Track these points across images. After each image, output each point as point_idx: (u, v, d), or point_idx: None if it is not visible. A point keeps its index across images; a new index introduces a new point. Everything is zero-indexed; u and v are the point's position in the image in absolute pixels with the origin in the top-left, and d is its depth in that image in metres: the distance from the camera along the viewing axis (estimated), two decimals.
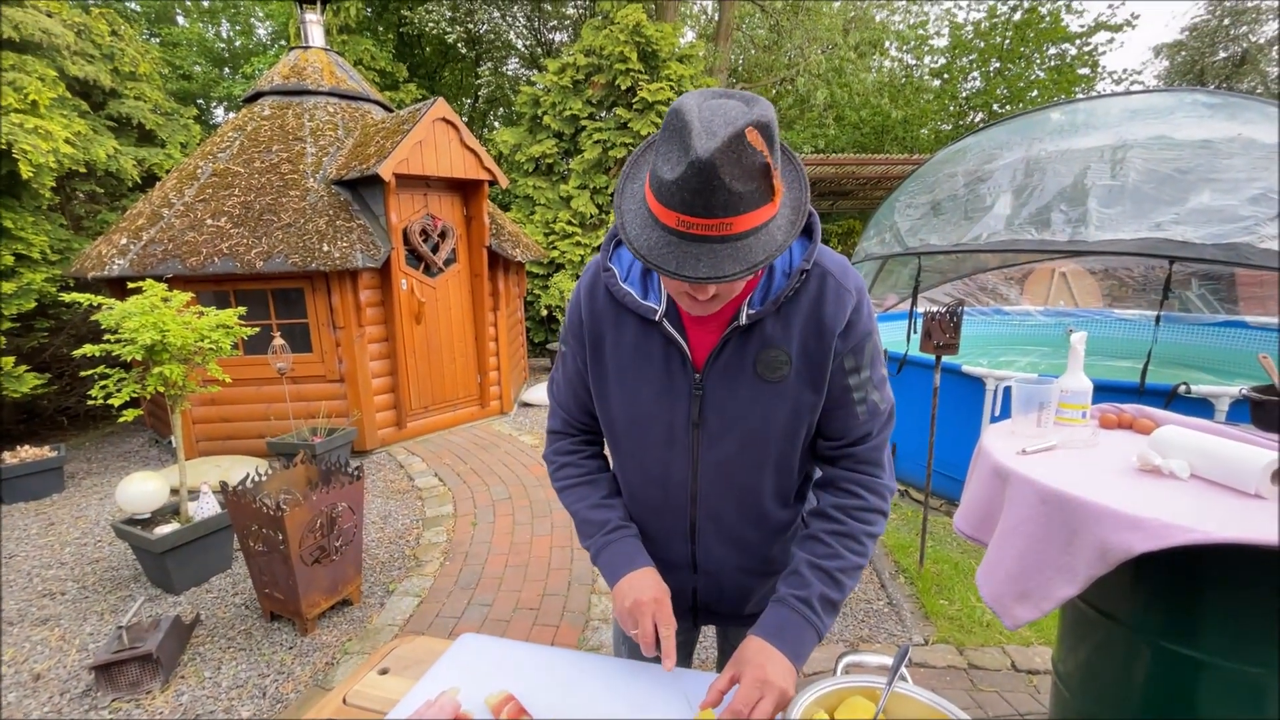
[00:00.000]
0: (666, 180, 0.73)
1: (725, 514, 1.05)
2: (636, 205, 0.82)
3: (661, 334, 0.96)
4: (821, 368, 0.93)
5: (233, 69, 12.81)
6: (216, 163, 5.06)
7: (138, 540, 2.90)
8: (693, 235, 0.74)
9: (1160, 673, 1.28)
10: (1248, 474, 1.15)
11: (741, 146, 0.70)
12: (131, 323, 2.76)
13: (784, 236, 0.77)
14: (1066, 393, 1.56)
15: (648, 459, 1.04)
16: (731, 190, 0.71)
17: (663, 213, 0.76)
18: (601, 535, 1.05)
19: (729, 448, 0.98)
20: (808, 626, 0.92)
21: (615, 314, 0.99)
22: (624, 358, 0.99)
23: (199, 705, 2.26)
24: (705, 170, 0.69)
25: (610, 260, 1.00)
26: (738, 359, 0.93)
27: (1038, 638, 2.53)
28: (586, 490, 1.11)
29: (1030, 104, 12.99)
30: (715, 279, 0.74)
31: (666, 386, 0.97)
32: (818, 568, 0.94)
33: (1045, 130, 4.12)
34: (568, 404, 1.13)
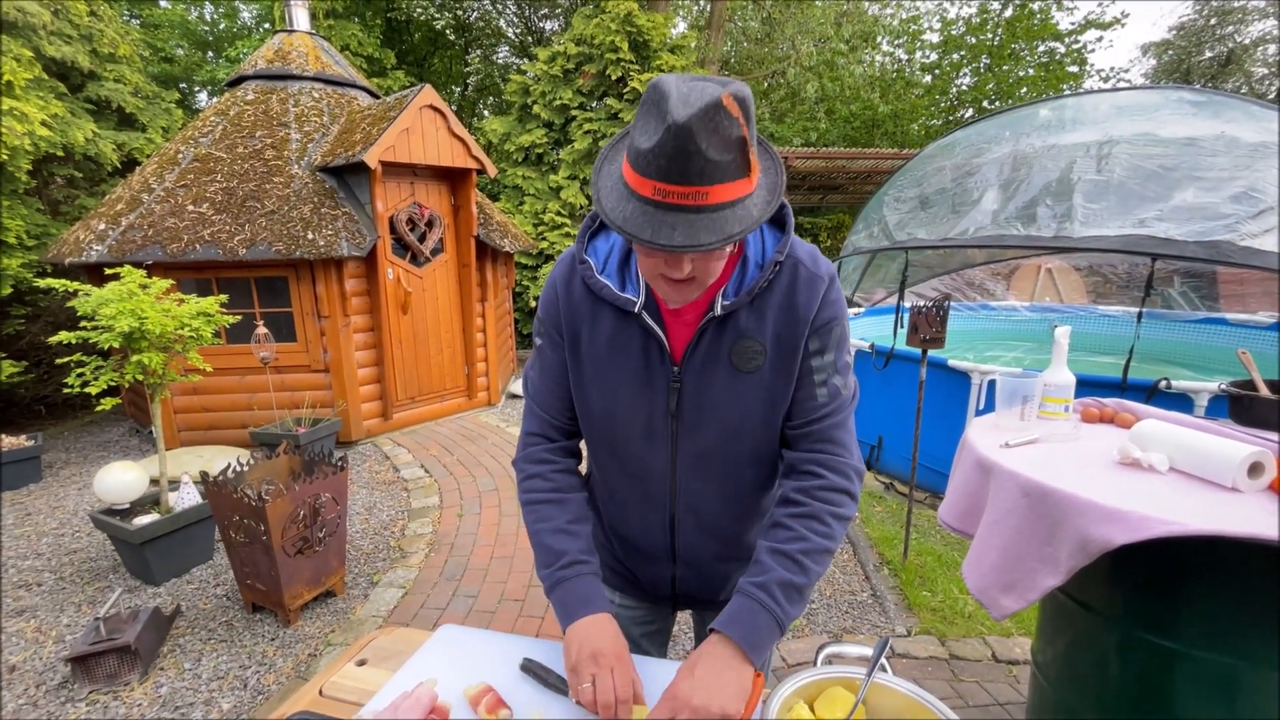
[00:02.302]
0: (643, 149, 0.72)
1: (705, 505, 1.05)
2: (613, 182, 0.81)
3: (640, 326, 0.95)
4: (795, 356, 0.93)
5: (216, 52, 12.57)
6: (198, 148, 4.96)
7: (116, 531, 2.85)
8: (669, 204, 0.73)
9: (1137, 663, 1.30)
10: (1225, 467, 1.17)
11: (718, 115, 0.69)
12: (108, 309, 2.70)
13: (759, 213, 0.77)
14: (1050, 386, 1.57)
15: (626, 452, 1.03)
16: (708, 158, 0.70)
17: (639, 182, 0.75)
18: (558, 568, 0.97)
19: (708, 439, 0.98)
20: (763, 613, 0.87)
21: (592, 306, 0.97)
22: (600, 351, 0.98)
23: (179, 697, 2.24)
24: (682, 135, 0.69)
25: (586, 252, 0.98)
26: (714, 351, 0.93)
27: (1018, 629, 2.56)
28: (552, 510, 1.03)
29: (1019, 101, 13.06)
30: (691, 248, 0.73)
31: (645, 379, 0.96)
32: (777, 552, 0.91)
33: (1033, 125, 4.14)
34: (547, 402, 1.07)
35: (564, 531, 1.00)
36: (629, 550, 1.16)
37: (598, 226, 1.01)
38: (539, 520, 1.02)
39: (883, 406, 4.12)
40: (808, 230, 13.41)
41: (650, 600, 1.21)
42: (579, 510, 1.05)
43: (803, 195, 11.82)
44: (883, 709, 0.82)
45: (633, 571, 1.18)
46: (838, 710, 0.80)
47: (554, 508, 1.03)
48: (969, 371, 3.50)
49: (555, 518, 1.01)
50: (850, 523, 0.98)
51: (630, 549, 1.15)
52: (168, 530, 2.90)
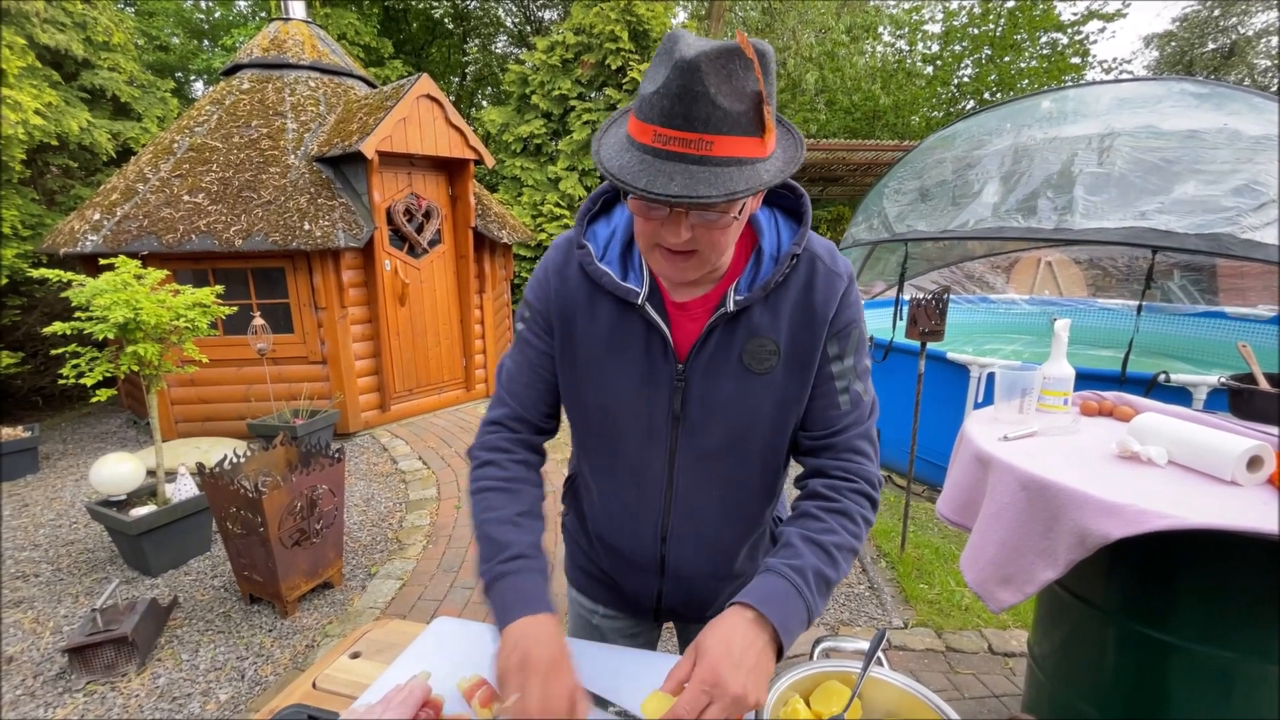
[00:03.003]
0: (648, 94, 0.67)
1: (702, 513, 0.98)
2: (616, 139, 0.75)
3: (642, 319, 0.88)
4: (811, 357, 0.88)
5: (212, 41, 12.46)
6: (194, 137, 4.92)
7: (113, 522, 2.85)
8: (669, 152, 0.67)
9: (1134, 656, 1.30)
10: (1224, 461, 1.16)
11: (733, 60, 0.64)
12: (103, 300, 2.68)
13: (770, 177, 0.70)
14: (1049, 379, 1.57)
15: (622, 454, 0.96)
16: (716, 103, 0.64)
17: (640, 130, 0.69)
18: (499, 561, 0.85)
19: (712, 442, 0.92)
20: (799, 600, 0.78)
21: (589, 295, 0.90)
22: (598, 343, 0.90)
23: (176, 688, 2.24)
24: (688, 72, 0.63)
25: (585, 236, 0.90)
26: (723, 349, 0.87)
27: (1014, 621, 2.57)
28: (501, 500, 0.92)
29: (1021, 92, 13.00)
30: (686, 199, 0.65)
31: (646, 376, 0.89)
32: (811, 541, 0.84)
33: (1034, 117, 4.11)
34: (521, 394, 0.98)
35: (511, 524, 0.89)
36: (616, 560, 1.08)
37: (598, 209, 0.94)
38: (485, 509, 0.91)
39: (881, 399, 4.07)
40: None
41: (633, 614, 1.14)
42: (532, 504, 0.94)
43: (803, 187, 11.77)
44: (879, 703, 0.82)
45: (617, 583, 1.10)
46: (833, 705, 0.80)
47: (504, 497, 0.92)
48: (968, 364, 3.49)
49: (503, 508, 0.91)
50: (870, 527, 0.91)
51: (617, 559, 1.07)
52: (165, 522, 2.89)
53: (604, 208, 0.95)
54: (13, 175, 5.10)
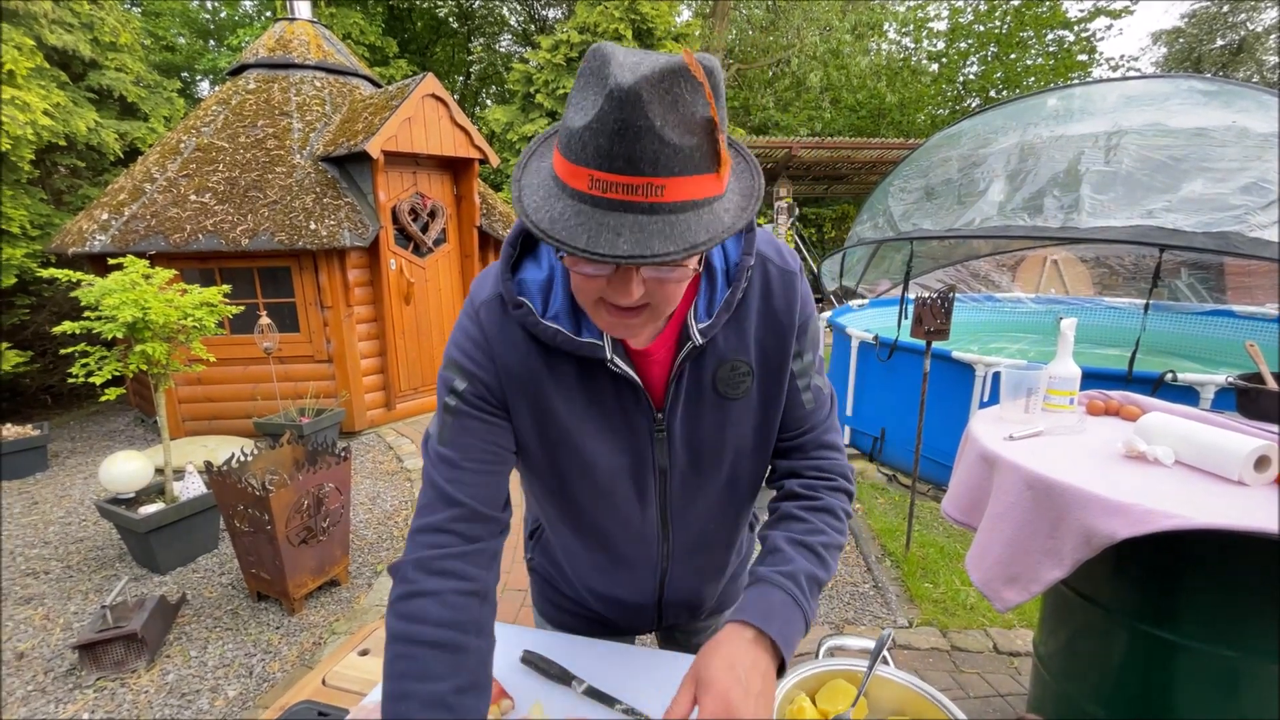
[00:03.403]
0: (577, 128, 0.55)
1: (700, 548, 0.94)
2: (541, 178, 0.62)
3: (611, 373, 0.77)
4: (783, 369, 0.82)
5: (218, 41, 12.52)
6: (200, 137, 4.95)
7: (122, 520, 2.87)
8: (610, 200, 0.55)
9: (1139, 656, 1.29)
10: (1231, 461, 1.16)
11: (679, 83, 0.53)
12: (111, 299, 2.70)
13: (731, 220, 0.60)
14: (1055, 379, 1.56)
15: (611, 520, 0.89)
16: (663, 138, 0.53)
17: (572, 173, 0.57)
18: None
19: (702, 483, 0.87)
20: (796, 609, 0.74)
21: (545, 358, 0.76)
22: (568, 411, 0.79)
23: (185, 684, 2.26)
24: (628, 104, 0.51)
25: (517, 289, 0.75)
26: (696, 383, 0.80)
27: (1020, 620, 2.57)
28: (436, 663, 0.68)
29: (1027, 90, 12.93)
30: (641, 259, 0.54)
31: (627, 432, 0.81)
32: (800, 544, 0.80)
33: (1040, 115, 4.10)
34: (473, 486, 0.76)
35: (443, 706, 0.66)
36: (610, 604, 1.03)
37: (521, 252, 0.79)
38: (410, 677, 0.67)
39: (886, 398, 4.11)
40: (812, 221, 13.35)
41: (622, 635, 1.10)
42: (475, 672, 0.71)
43: (807, 185, 11.76)
44: (885, 702, 0.82)
45: (612, 620, 1.06)
46: (839, 703, 0.80)
47: (441, 660, 0.68)
48: (973, 363, 3.48)
49: (437, 679, 0.67)
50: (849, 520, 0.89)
51: (611, 604, 1.03)
52: (173, 519, 2.91)
53: (526, 248, 0.79)
54: (21, 175, 5.14)
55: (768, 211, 10.77)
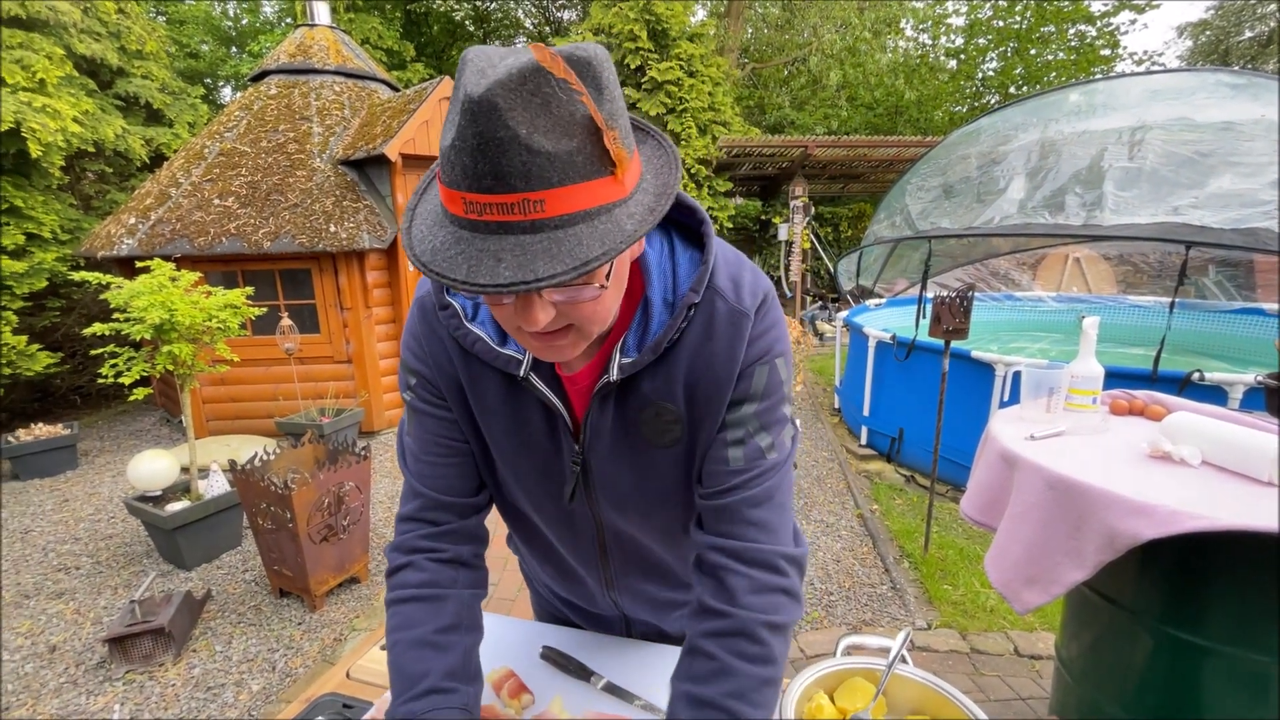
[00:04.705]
0: (444, 147, 0.51)
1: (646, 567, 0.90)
2: (431, 205, 0.58)
3: (533, 394, 0.72)
4: (716, 417, 0.71)
5: (239, 47, 12.75)
6: (223, 142, 5.05)
7: (149, 517, 2.94)
8: (487, 223, 0.50)
9: (1164, 659, 1.27)
10: (1261, 461, 1.14)
11: (539, 82, 0.47)
12: (140, 301, 2.77)
13: (636, 225, 0.53)
14: (1077, 378, 1.54)
15: (547, 533, 0.88)
16: (531, 147, 0.47)
17: (448, 197, 0.52)
18: (404, 701, 0.70)
19: (633, 518, 0.81)
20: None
21: (467, 364, 0.73)
22: (495, 424, 0.75)
23: (210, 678, 2.31)
24: (481, 114, 0.46)
25: (448, 292, 0.72)
26: (618, 423, 0.72)
27: (1041, 623, 2.53)
28: (418, 613, 0.75)
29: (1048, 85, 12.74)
30: (524, 285, 0.49)
31: (551, 456, 0.76)
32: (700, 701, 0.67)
33: (1062, 111, 4.04)
34: (431, 477, 0.79)
35: (428, 645, 0.73)
36: (574, 610, 1.07)
37: None
38: (398, 629, 0.75)
39: (904, 398, 4.08)
40: (828, 220, 13.27)
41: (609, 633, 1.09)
42: (457, 614, 0.77)
43: (823, 184, 11.68)
44: (903, 700, 0.82)
45: (583, 620, 1.08)
46: (858, 701, 0.80)
47: (421, 609, 0.75)
48: (993, 363, 3.44)
49: (420, 624, 0.74)
50: (792, 628, 0.72)
51: (576, 610, 1.07)
52: (198, 517, 2.97)
53: None
54: (52, 181, 5.28)
55: (784, 211, 10.72)
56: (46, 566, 3.10)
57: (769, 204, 12.38)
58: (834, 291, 10.61)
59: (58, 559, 3.18)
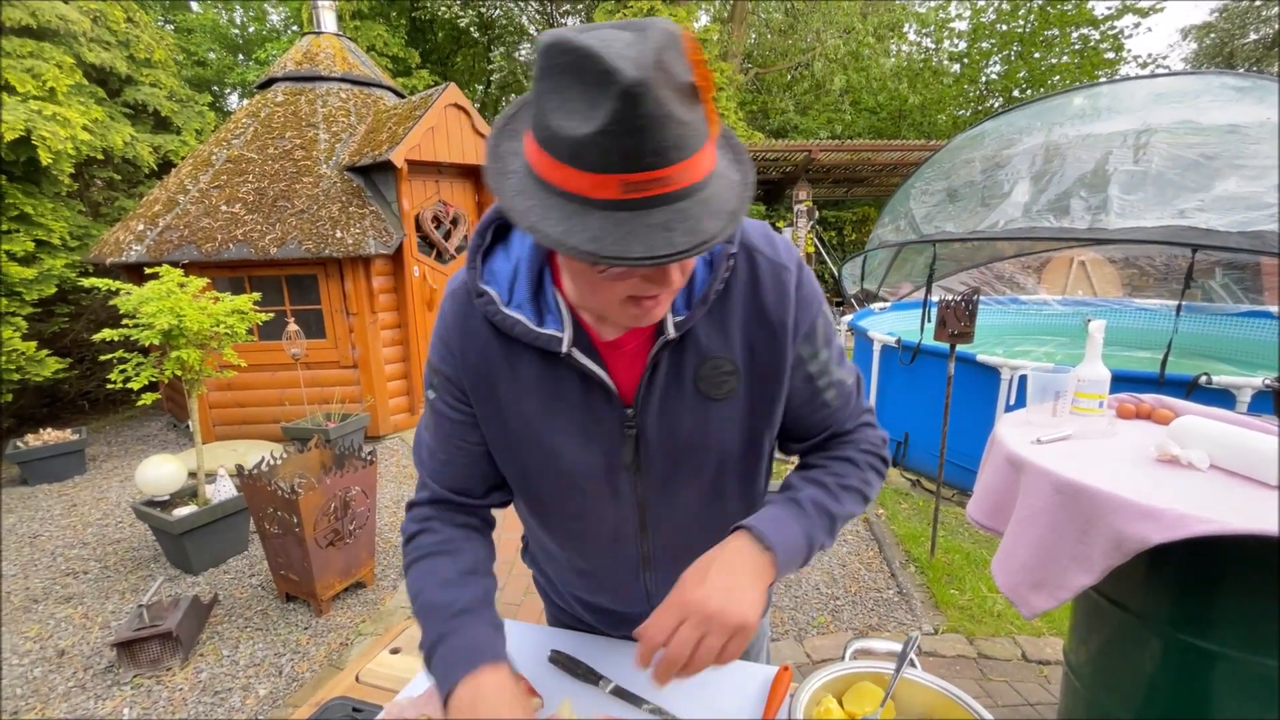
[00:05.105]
0: (582, 136, 0.51)
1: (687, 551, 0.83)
2: (539, 200, 0.56)
3: (574, 369, 0.74)
4: (776, 369, 0.77)
5: (246, 55, 12.85)
6: (231, 149, 5.09)
7: (157, 522, 2.95)
8: (649, 199, 0.53)
9: (1175, 664, 1.27)
10: (1269, 465, 1.13)
11: (669, 58, 0.50)
12: (149, 308, 2.79)
13: (740, 176, 0.60)
14: (1083, 382, 1.54)
15: (584, 520, 0.86)
16: (679, 119, 0.51)
17: (594, 185, 0.53)
18: (439, 622, 0.74)
19: (681, 483, 0.81)
20: (795, 521, 0.74)
21: (505, 350, 0.75)
22: (529, 406, 0.77)
23: (217, 682, 2.31)
24: (644, 98, 0.49)
25: (483, 280, 0.74)
26: (674, 379, 0.75)
27: (1049, 629, 2.52)
28: (438, 563, 0.80)
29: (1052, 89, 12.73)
30: (704, 245, 0.53)
31: (590, 430, 0.77)
32: (808, 479, 0.81)
33: (1066, 115, 4.04)
34: (442, 473, 0.84)
35: (452, 583, 0.78)
36: (600, 616, 1.01)
37: (491, 241, 0.77)
38: (422, 578, 0.79)
39: (909, 402, 4.07)
40: (832, 224, 13.27)
41: None
42: (476, 559, 0.82)
43: (827, 188, 11.69)
44: (912, 704, 0.82)
45: (606, 634, 1.03)
46: (867, 705, 0.80)
47: (442, 560, 0.80)
48: (998, 367, 3.44)
49: (442, 570, 0.79)
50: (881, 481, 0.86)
51: (602, 615, 1.00)
52: (205, 521, 2.99)
53: (498, 236, 0.78)
54: (61, 189, 5.33)
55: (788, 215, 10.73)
56: (55, 571, 3.12)
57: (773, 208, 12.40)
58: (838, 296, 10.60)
59: (66, 563, 3.19)
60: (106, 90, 6.06)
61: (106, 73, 6.00)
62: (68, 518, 3.75)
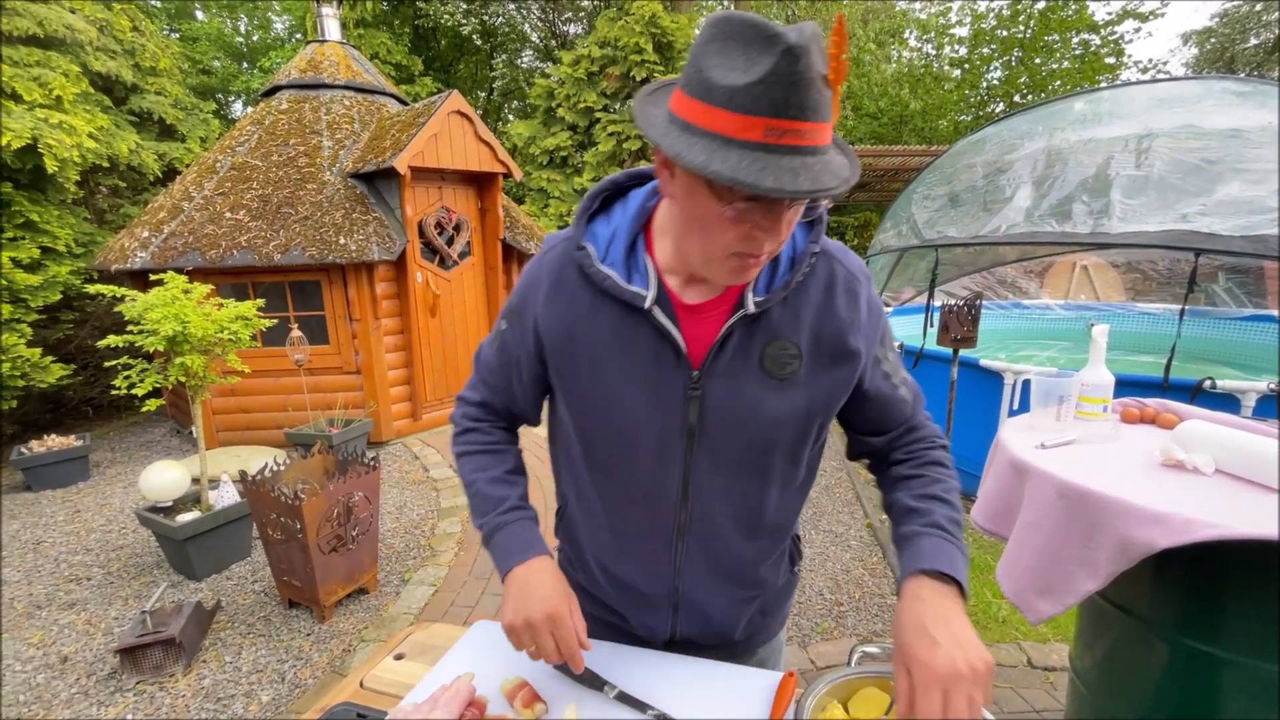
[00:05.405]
0: (740, 84, 0.61)
1: (721, 532, 0.92)
2: (683, 138, 0.65)
3: (650, 325, 0.81)
4: (836, 364, 0.84)
5: (251, 63, 12.93)
6: (235, 156, 5.11)
7: (160, 528, 2.95)
8: (784, 146, 0.62)
9: (1180, 670, 1.26)
10: (1275, 469, 1.13)
11: (819, 45, 0.61)
12: (154, 314, 2.80)
13: (846, 159, 0.69)
14: (1087, 386, 1.54)
15: (631, 474, 0.89)
16: (822, 90, 0.61)
17: (740, 125, 0.62)
18: (498, 514, 0.93)
19: (731, 454, 0.86)
20: (953, 546, 0.81)
21: (590, 301, 0.84)
22: (602, 354, 0.84)
23: (220, 689, 2.31)
24: (802, 58, 0.59)
25: (585, 237, 0.84)
26: (743, 354, 0.82)
27: (1055, 634, 2.51)
28: (488, 459, 0.99)
29: (1053, 94, 12.75)
30: (823, 192, 0.62)
31: (656, 386, 0.83)
32: (926, 496, 0.87)
33: (1067, 120, 4.04)
34: (495, 385, 1.00)
35: (503, 480, 0.97)
36: (622, 591, 1.01)
37: (598, 207, 0.88)
38: (476, 470, 0.98)
39: None
40: (834, 229, 13.29)
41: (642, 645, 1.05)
42: (517, 464, 1.02)
43: None
44: None
45: (625, 618, 1.04)
46: (872, 710, 0.80)
47: (491, 458, 0.99)
48: (1002, 371, 3.43)
49: (493, 468, 0.98)
50: None
51: (623, 590, 1.01)
52: (209, 527, 2.99)
53: (603, 205, 0.89)
54: (67, 196, 5.36)
55: None
56: (58, 577, 3.12)
57: None
58: None
59: (69, 570, 3.20)
60: (112, 98, 6.10)
61: (112, 81, 6.04)
62: (71, 524, 3.75)
